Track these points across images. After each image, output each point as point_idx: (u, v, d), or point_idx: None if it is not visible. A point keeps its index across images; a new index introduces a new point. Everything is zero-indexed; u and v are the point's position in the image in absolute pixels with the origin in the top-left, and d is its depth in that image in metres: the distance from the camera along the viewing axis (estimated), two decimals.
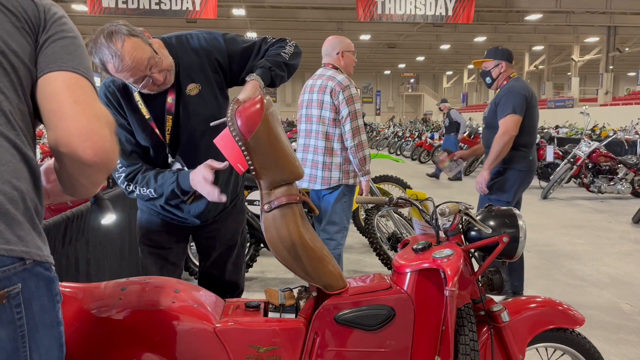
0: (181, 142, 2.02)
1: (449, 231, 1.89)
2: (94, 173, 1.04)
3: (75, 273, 2.36)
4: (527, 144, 3.68)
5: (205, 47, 2.00)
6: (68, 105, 1.01)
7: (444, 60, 37.33)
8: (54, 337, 1.00)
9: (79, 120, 1.00)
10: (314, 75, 3.54)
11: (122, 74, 1.76)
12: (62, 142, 0.99)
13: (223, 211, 2.22)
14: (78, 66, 1.06)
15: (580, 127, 17.20)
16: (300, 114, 3.55)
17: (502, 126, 3.59)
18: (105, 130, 1.03)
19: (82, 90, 1.04)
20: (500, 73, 3.78)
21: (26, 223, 0.94)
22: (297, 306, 1.75)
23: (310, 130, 3.45)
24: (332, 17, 21.99)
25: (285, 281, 4.31)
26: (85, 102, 1.02)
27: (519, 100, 3.58)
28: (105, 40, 1.71)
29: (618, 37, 26.04)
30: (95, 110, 1.03)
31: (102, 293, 1.59)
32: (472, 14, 16.93)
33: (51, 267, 1.00)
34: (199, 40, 2.01)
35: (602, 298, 4.06)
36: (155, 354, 1.55)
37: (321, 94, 3.38)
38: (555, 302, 2.01)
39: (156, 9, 15.88)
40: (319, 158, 3.41)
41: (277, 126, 1.65)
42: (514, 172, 3.68)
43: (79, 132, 0.99)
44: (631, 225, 6.77)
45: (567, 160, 8.89)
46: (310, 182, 3.45)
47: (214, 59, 2.01)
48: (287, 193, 1.66)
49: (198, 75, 1.99)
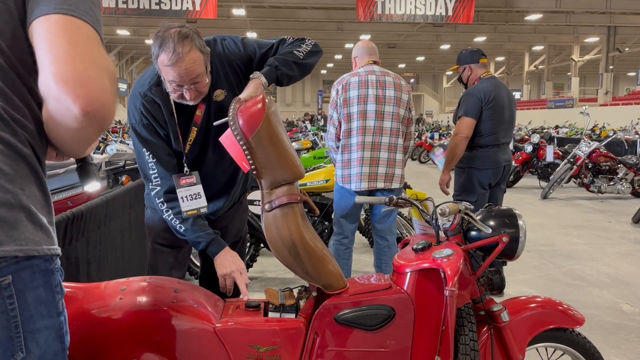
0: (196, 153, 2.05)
1: (449, 231, 1.89)
2: (85, 127, 0.92)
3: (75, 273, 2.36)
4: (485, 144, 3.79)
5: (227, 53, 2.01)
6: (61, 47, 0.88)
7: (444, 60, 37.32)
8: (53, 328, 0.99)
9: (73, 65, 0.88)
10: (372, 70, 3.38)
11: (167, 69, 1.76)
12: (53, 88, 0.88)
13: (232, 207, 2.27)
14: (76, 8, 0.93)
15: (580, 127, 17.21)
16: (364, 109, 3.31)
17: (455, 128, 3.85)
18: (104, 80, 0.91)
19: (79, 31, 0.91)
20: (468, 76, 3.95)
21: (22, 221, 0.93)
22: (297, 306, 1.75)
23: (382, 128, 3.33)
24: (332, 17, 22.00)
25: (285, 281, 4.31)
26: (82, 45, 0.90)
27: (472, 103, 3.74)
28: (177, 36, 1.73)
29: (618, 37, 26.06)
30: (95, 56, 0.91)
31: (102, 293, 1.59)
32: (472, 14, 16.93)
33: (52, 258, 0.99)
34: (222, 46, 2.02)
35: (602, 298, 4.06)
36: (155, 354, 1.55)
37: (399, 92, 3.35)
38: (555, 302, 2.01)
39: (156, 9, 15.88)
40: (397, 156, 3.37)
41: (278, 126, 1.65)
42: (473, 171, 3.81)
43: (73, 77, 0.87)
44: (631, 225, 6.77)
45: (567, 160, 8.89)
46: (386, 182, 3.36)
47: (235, 65, 2.02)
48: (288, 193, 1.66)
49: (222, 82, 2.00)
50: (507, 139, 3.90)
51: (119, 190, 3.13)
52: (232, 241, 2.31)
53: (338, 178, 3.45)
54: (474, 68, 3.90)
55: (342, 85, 3.38)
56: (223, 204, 2.21)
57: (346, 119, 3.36)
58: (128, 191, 3.27)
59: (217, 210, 2.21)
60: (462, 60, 3.95)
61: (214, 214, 2.21)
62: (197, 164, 2.07)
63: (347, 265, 3.54)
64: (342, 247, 3.51)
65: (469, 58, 3.92)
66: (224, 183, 2.18)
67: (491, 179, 3.84)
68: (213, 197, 2.17)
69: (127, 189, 3.29)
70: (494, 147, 3.80)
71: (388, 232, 3.48)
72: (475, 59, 3.91)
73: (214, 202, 2.18)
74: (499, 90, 3.80)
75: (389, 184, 3.36)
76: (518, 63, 37.35)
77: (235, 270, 1.85)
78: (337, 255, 3.52)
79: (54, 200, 3.13)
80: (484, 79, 3.85)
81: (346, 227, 3.49)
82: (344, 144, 3.39)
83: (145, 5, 15.83)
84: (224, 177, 2.16)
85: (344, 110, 3.35)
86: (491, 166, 3.80)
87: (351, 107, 3.34)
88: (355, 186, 3.34)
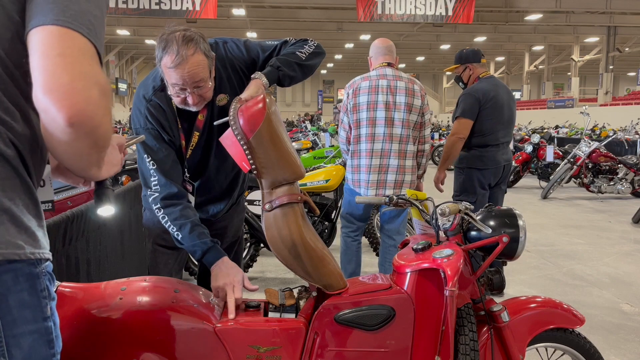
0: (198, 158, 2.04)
1: (449, 231, 1.89)
2: (74, 140, 0.90)
3: (75, 273, 2.36)
4: (484, 144, 3.78)
5: (230, 56, 1.99)
6: (50, 59, 0.88)
7: (444, 60, 37.28)
8: (38, 333, 0.97)
9: (60, 76, 0.87)
10: (384, 74, 3.34)
11: (169, 71, 1.74)
12: (40, 99, 0.88)
13: (231, 208, 2.27)
14: (73, 20, 0.92)
15: (580, 127, 17.20)
16: (373, 116, 3.30)
17: (452, 128, 3.85)
18: (92, 92, 0.89)
19: (72, 43, 0.90)
20: (470, 76, 3.93)
21: (3, 224, 0.91)
22: (297, 306, 1.75)
23: (392, 134, 3.30)
24: (332, 17, 22.00)
25: (285, 281, 4.31)
26: (72, 56, 0.89)
27: (469, 103, 3.74)
28: (182, 39, 1.71)
29: (618, 37, 26.05)
30: (84, 67, 0.90)
31: (102, 293, 1.59)
32: (472, 14, 16.93)
33: (38, 262, 0.96)
34: (225, 49, 1.99)
35: (602, 298, 4.06)
36: (155, 354, 1.55)
37: (410, 97, 3.31)
38: (555, 302, 2.01)
39: (156, 9, 15.89)
40: (407, 162, 3.35)
41: (279, 125, 1.65)
42: (472, 171, 3.81)
43: (58, 89, 0.87)
44: (631, 225, 6.77)
45: (567, 160, 8.90)
46: (395, 189, 3.34)
47: (238, 68, 1.99)
48: (289, 192, 1.66)
49: (225, 86, 1.98)
50: (507, 138, 3.90)
51: (118, 190, 3.13)
52: (231, 241, 2.32)
53: (348, 180, 3.47)
54: (475, 67, 3.89)
55: (353, 90, 3.36)
56: (224, 206, 2.21)
57: (355, 125, 3.36)
58: (128, 191, 3.27)
59: (217, 213, 2.21)
60: (464, 59, 3.93)
61: (214, 216, 2.21)
62: (199, 168, 2.06)
63: (356, 257, 3.54)
64: (350, 239, 3.53)
65: (472, 57, 3.90)
66: (226, 186, 2.18)
67: (491, 179, 3.84)
68: (215, 200, 2.17)
69: (127, 188, 3.28)
70: (494, 147, 3.80)
71: (395, 232, 3.48)
72: (477, 59, 3.90)
73: (215, 204, 2.18)
74: (498, 89, 3.80)
75: (399, 190, 3.35)
76: (518, 63, 37.33)
77: (228, 284, 1.71)
78: (347, 248, 3.53)
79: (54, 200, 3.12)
80: (483, 79, 3.84)
81: (356, 222, 3.52)
82: (353, 150, 3.40)
83: (145, 5, 15.83)
84: (226, 180, 2.16)
85: (353, 116, 3.35)
86: (491, 166, 3.79)
87: (360, 113, 3.33)
88: (363, 192, 3.36)
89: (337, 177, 4.84)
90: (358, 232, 3.54)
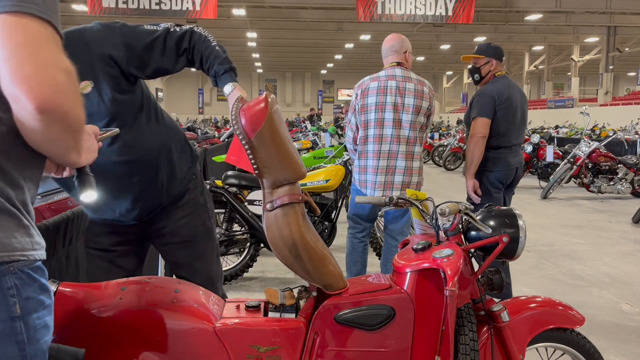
0: None
1: (449, 231, 1.89)
2: (48, 127, 0.92)
3: (75, 273, 2.36)
4: (496, 146, 3.68)
5: (97, 39, 1.85)
6: (10, 51, 0.88)
7: (443, 60, 37.32)
8: (4, 333, 0.95)
9: (23, 68, 0.88)
10: (393, 75, 3.32)
11: None
12: (9, 90, 0.89)
13: (161, 208, 2.06)
14: (22, 1, 0.89)
15: (580, 127, 17.20)
16: (381, 117, 3.29)
17: (471, 129, 3.66)
18: (58, 78, 0.90)
19: (26, 31, 0.89)
20: (489, 71, 3.78)
21: None
22: (297, 306, 1.75)
23: (400, 136, 3.29)
24: (332, 17, 21.99)
25: (286, 281, 4.31)
26: (30, 46, 0.89)
27: (486, 102, 3.62)
28: None
29: (618, 37, 26.05)
30: (44, 55, 0.90)
31: (102, 293, 1.59)
32: (472, 14, 16.92)
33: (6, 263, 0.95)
34: (92, 33, 1.86)
35: (602, 298, 4.06)
36: (155, 354, 1.55)
37: (419, 99, 3.30)
38: (555, 302, 2.01)
39: (156, 9, 15.89)
40: (414, 164, 3.35)
41: (281, 125, 1.65)
42: (483, 172, 3.69)
43: (24, 81, 0.87)
44: (631, 225, 6.77)
45: (567, 160, 8.90)
46: (402, 190, 3.31)
47: (106, 53, 1.83)
48: (290, 192, 1.66)
49: (87, 71, 1.81)
50: (519, 140, 3.79)
51: None
52: (182, 242, 2.10)
53: (355, 181, 3.47)
54: (496, 64, 3.77)
55: (362, 90, 3.35)
56: (131, 206, 1.98)
57: (363, 126, 3.35)
58: None
59: (128, 210, 1.98)
60: (492, 53, 3.77)
61: (126, 215, 2.00)
62: None
63: (362, 258, 3.54)
64: (356, 240, 3.52)
65: (497, 53, 3.78)
66: (117, 185, 1.96)
67: (502, 181, 3.78)
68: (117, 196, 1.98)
69: None
70: (506, 148, 3.70)
71: (399, 233, 3.47)
72: (500, 57, 3.79)
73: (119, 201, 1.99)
74: (512, 90, 3.70)
75: (404, 193, 3.34)
76: (518, 63, 37.32)
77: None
78: (353, 250, 3.53)
79: (54, 200, 3.12)
80: (498, 78, 3.72)
81: (362, 223, 3.51)
82: (360, 150, 3.39)
83: (145, 5, 15.83)
84: (114, 178, 1.94)
85: (361, 117, 3.34)
86: (502, 168, 3.72)
87: (368, 114, 3.32)
88: (370, 193, 3.36)
89: (337, 177, 4.84)
90: (365, 233, 3.53)
